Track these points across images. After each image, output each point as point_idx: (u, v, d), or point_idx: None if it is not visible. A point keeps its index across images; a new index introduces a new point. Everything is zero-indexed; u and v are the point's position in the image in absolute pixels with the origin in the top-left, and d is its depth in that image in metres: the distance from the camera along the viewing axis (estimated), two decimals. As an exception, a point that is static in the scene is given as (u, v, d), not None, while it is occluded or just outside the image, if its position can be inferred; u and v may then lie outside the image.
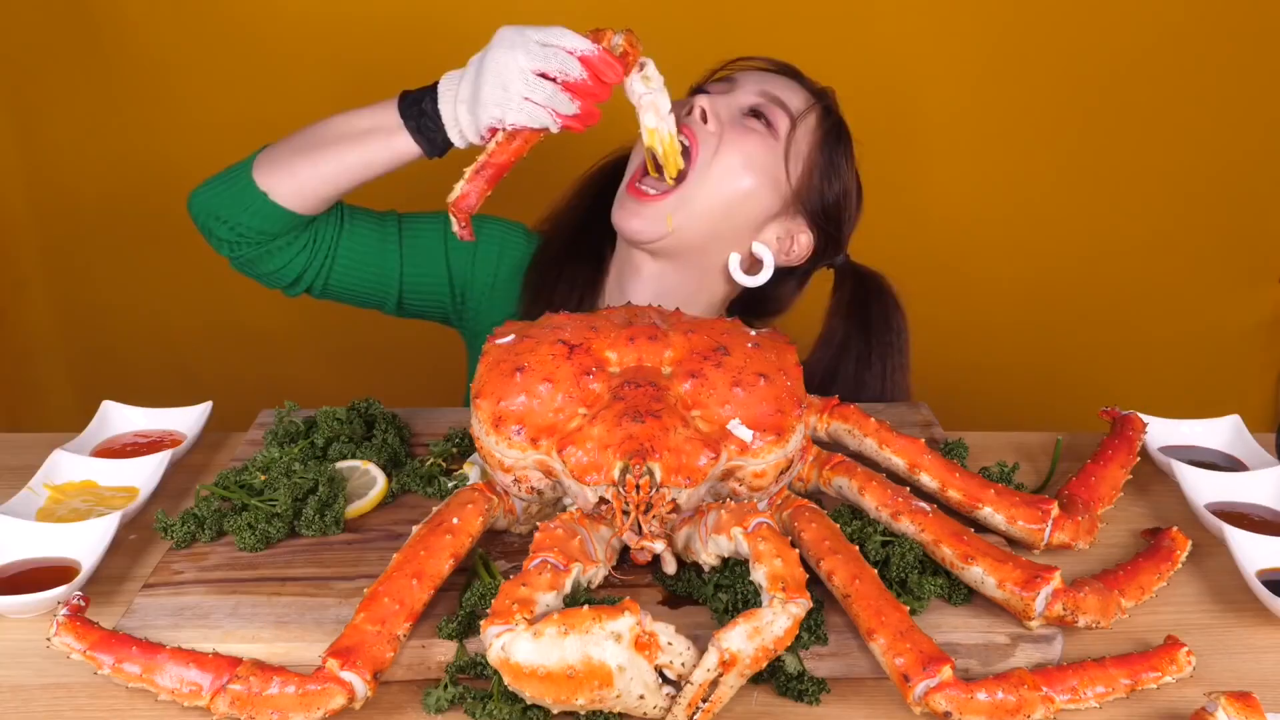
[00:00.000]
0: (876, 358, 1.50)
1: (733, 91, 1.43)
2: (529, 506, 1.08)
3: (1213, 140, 2.29)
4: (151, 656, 0.87)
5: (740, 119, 1.41)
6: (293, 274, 1.42)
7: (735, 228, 1.42)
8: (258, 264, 1.40)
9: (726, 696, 0.85)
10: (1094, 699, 0.89)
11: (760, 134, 1.40)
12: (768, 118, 1.41)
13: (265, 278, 1.42)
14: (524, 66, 1.20)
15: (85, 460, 1.22)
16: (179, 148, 2.18)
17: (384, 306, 1.52)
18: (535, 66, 1.20)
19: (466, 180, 1.24)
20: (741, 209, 1.41)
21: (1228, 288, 2.42)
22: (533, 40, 1.21)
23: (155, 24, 2.11)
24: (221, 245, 1.38)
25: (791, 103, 1.43)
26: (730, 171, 1.38)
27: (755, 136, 1.40)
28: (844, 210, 1.49)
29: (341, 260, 1.43)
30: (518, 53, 1.20)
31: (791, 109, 1.43)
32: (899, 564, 1.01)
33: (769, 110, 1.41)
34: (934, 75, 2.23)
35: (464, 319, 1.56)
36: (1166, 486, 1.27)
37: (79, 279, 2.31)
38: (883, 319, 1.51)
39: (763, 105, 1.42)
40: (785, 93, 1.44)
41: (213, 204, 1.36)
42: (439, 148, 1.31)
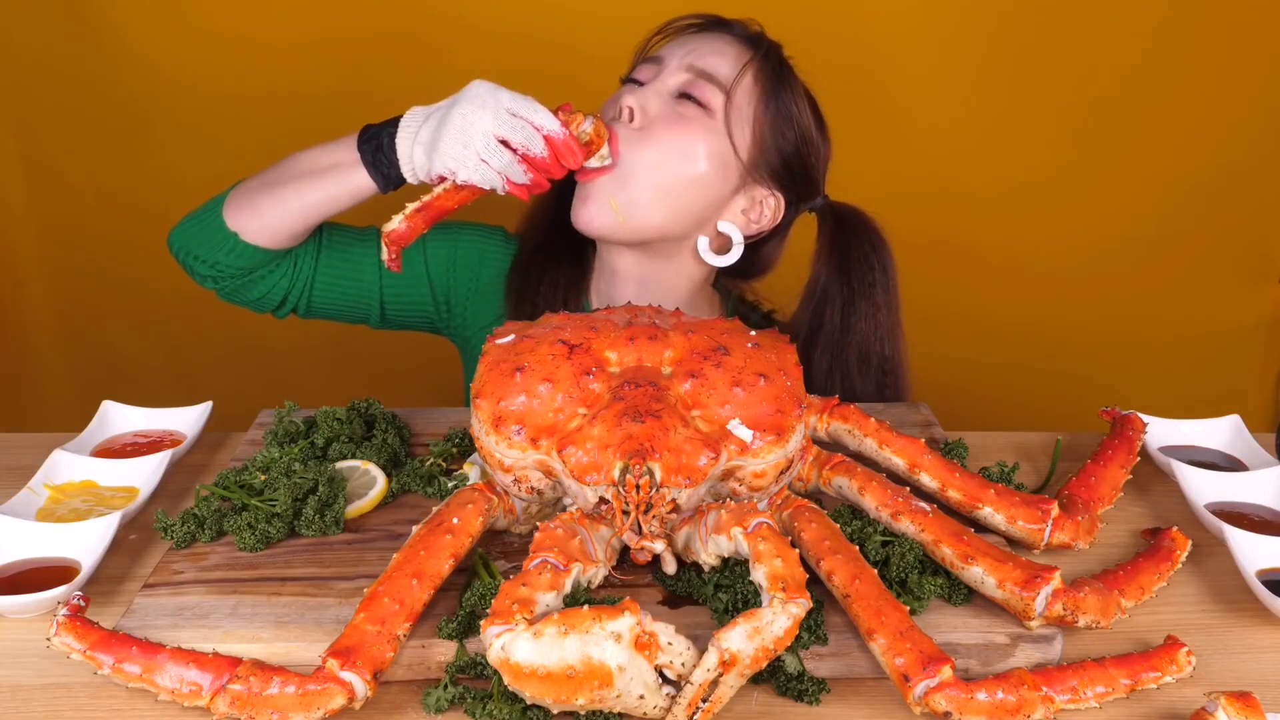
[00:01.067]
0: (861, 299, 1.44)
1: (660, 75, 1.38)
2: (529, 506, 1.08)
3: (1213, 140, 2.29)
4: (151, 656, 0.87)
5: (672, 106, 1.36)
6: (276, 299, 1.44)
7: (694, 213, 1.39)
8: (242, 293, 1.43)
9: (726, 696, 0.85)
10: (1094, 699, 0.89)
11: (693, 119, 1.36)
12: (698, 99, 1.36)
13: (252, 304, 1.45)
14: (488, 129, 1.20)
15: (85, 460, 1.22)
16: (179, 148, 2.18)
17: (369, 320, 1.53)
18: (499, 133, 1.20)
19: (405, 217, 1.25)
20: (691, 195, 1.37)
21: (1228, 288, 2.42)
22: (504, 106, 1.21)
23: (155, 25, 2.11)
24: (204, 280, 1.42)
25: (720, 71, 1.37)
26: (665, 163, 1.34)
27: (687, 124, 1.35)
28: (807, 155, 1.43)
29: (321, 280, 1.45)
30: (486, 114, 1.21)
31: (721, 79, 1.36)
32: (899, 564, 1.01)
33: (698, 90, 1.36)
34: (934, 75, 2.23)
35: (451, 327, 1.56)
36: (1166, 486, 1.27)
37: (79, 279, 2.31)
38: (864, 259, 1.45)
39: (690, 85, 1.36)
40: (713, 59, 1.38)
41: (189, 243, 1.39)
42: (392, 182, 1.31)
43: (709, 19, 1.45)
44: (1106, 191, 2.33)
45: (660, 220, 1.38)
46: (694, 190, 1.38)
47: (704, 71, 1.37)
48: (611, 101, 1.40)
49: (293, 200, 1.34)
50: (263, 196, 1.35)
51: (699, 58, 1.38)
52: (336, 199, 1.34)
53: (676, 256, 1.45)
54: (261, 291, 1.42)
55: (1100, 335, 2.43)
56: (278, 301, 1.44)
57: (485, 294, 1.53)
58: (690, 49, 1.39)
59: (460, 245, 1.52)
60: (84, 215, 2.26)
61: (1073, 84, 2.24)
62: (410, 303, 1.52)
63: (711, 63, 1.38)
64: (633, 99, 1.35)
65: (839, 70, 2.13)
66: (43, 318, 2.35)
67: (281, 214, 1.35)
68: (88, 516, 1.12)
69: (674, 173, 1.35)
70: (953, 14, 2.19)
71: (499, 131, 1.21)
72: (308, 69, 2.14)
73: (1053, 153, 2.30)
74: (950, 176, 2.30)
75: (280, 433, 1.25)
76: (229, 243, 1.36)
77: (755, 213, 1.44)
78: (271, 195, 1.35)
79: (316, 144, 1.35)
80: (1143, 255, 2.38)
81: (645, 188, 1.35)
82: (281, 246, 1.38)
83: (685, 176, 1.36)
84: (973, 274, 2.36)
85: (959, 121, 2.27)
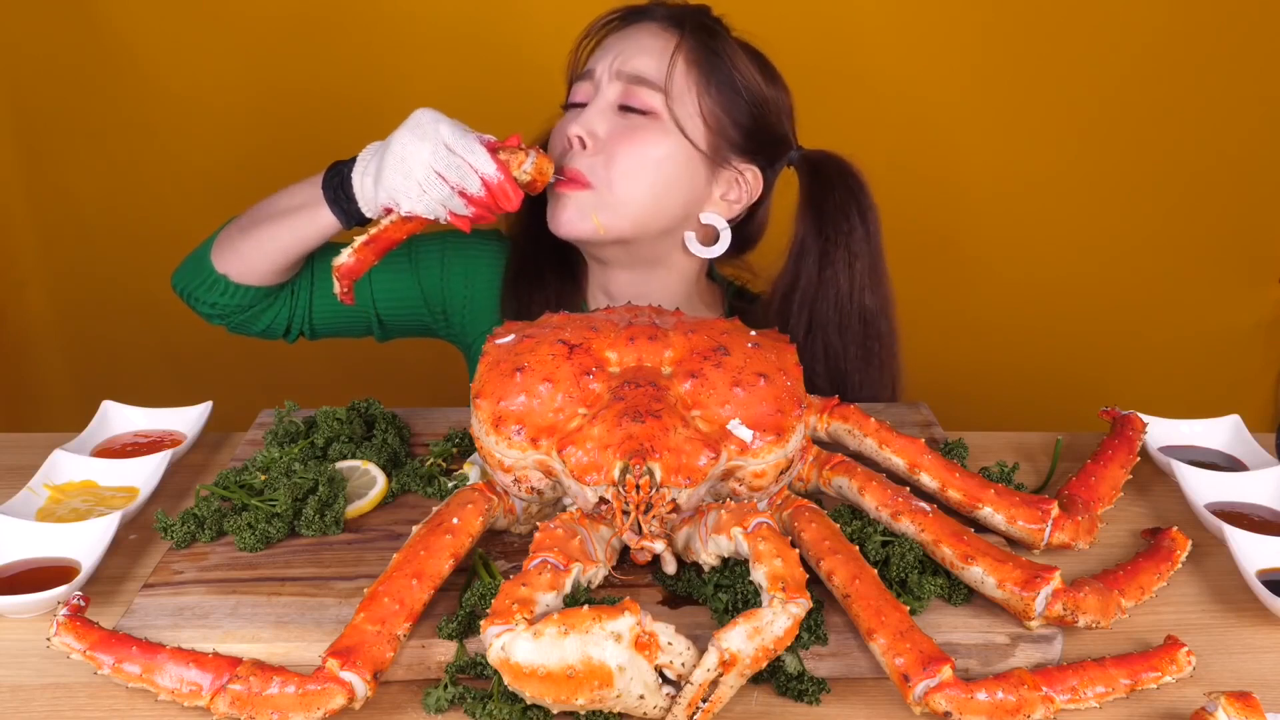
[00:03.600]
0: (836, 248, 1.40)
1: (597, 91, 1.36)
2: (529, 506, 1.08)
3: (1213, 140, 2.29)
4: (151, 656, 0.87)
5: (617, 120, 1.34)
6: (281, 328, 1.47)
7: (673, 215, 1.38)
8: (248, 327, 1.46)
9: (726, 696, 0.85)
10: (1094, 699, 0.89)
11: (641, 127, 1.33)
12: (638, 108, 1.34)
13: (260, 335, 1.48)
14: (427, 162, 1.19)
15: (85, 460, 1.22)
16: (178, 148, 2.18)
17: (373, 334, 1.55)
18: (436, 167, 1.19)
19: (354, 250, 1.25)
20: (666, 199, 1.36)
21: (1228, 288, 2.42)
22: (442, 140, 1.19)
23: (156, 28, 2.11)
24: (210, 318, 1.45)
25: (650, 70, 1.34)
26: (631, 178, 1.33)
27: (638, 135, 1.33)
28: (766, 117, 1.39)
29: (319, 305, 1.47)
30: (425, 146, 1.20)
31: (653, 78, 1.33)
32: (899, 564, 1.01)
33: (635, 98, 1.34)
34: (934, 76, 2.23)
35: (452, 333, 1.57)
36: (1166, 486, 1.27)
37: (79, 280, 2.31)
38: (839, 206, 1.40)
39: (626, 96, 1.34)
40: (640, 60, 1.34)
41: (187, 286, 1.42)
42: (353, 218, 1.32)
43: (627, 11, 1.41)
44: (1107, 192, 2.33)
45: (640, 228, 1.37)
46: (667, 194, 1.36)
47: (635, 76, 1.34)
48: (558, 131, 1.39)
49: (268, 243, 1.36)
50: (242, 240, 1.37)
51: (625, 61, 1.35)
52: (306, 239, 1.36)
53: (669, 255, 1.44)
54: (265, 323, 1.46)
55: (1100, 335, 2.43)
56: (283, 330, 1.47)
57: (481, 299, 1.53)
58: (616, 53, 1.36)
59: (449, 254, 1.52)
60: (84, 216, 2.26)
61: (1073, 84, 2.24)
62: (406, 315, 1.53)
63: (639, 64, 1.34)
64: (578, 127, 1.33)
65: (838, 71, 2.13)
66: (43, 318, 2.35)
67: (261, 255, 1.37)
68: (88, 516, 1.12)
69: (644, 184, 1.34)
70: (952, 15, 2.20)
71: (435, 165, 1.20)
72: (309, 73, 2.14)
73: (1053, 153, 2.30)
74: (950, 177, 2.30)
75: (280, 433, 1.25)
76: (221, 285, 1.39)
77: (734, 193, 1.41)
78: (249, 238, 1.37)
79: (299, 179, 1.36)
80: (1143, 255, 2.38)
81: (621, 203, 1.34)
82: (269, 283, 1.41)
83: (655, 185, 1.35)
84: (973, 274, 2.36)
85: (959, 122, 2.27)
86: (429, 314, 1.53)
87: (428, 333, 1.57)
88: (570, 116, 1.38)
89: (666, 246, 1.42)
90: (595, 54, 1.39)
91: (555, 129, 1.41)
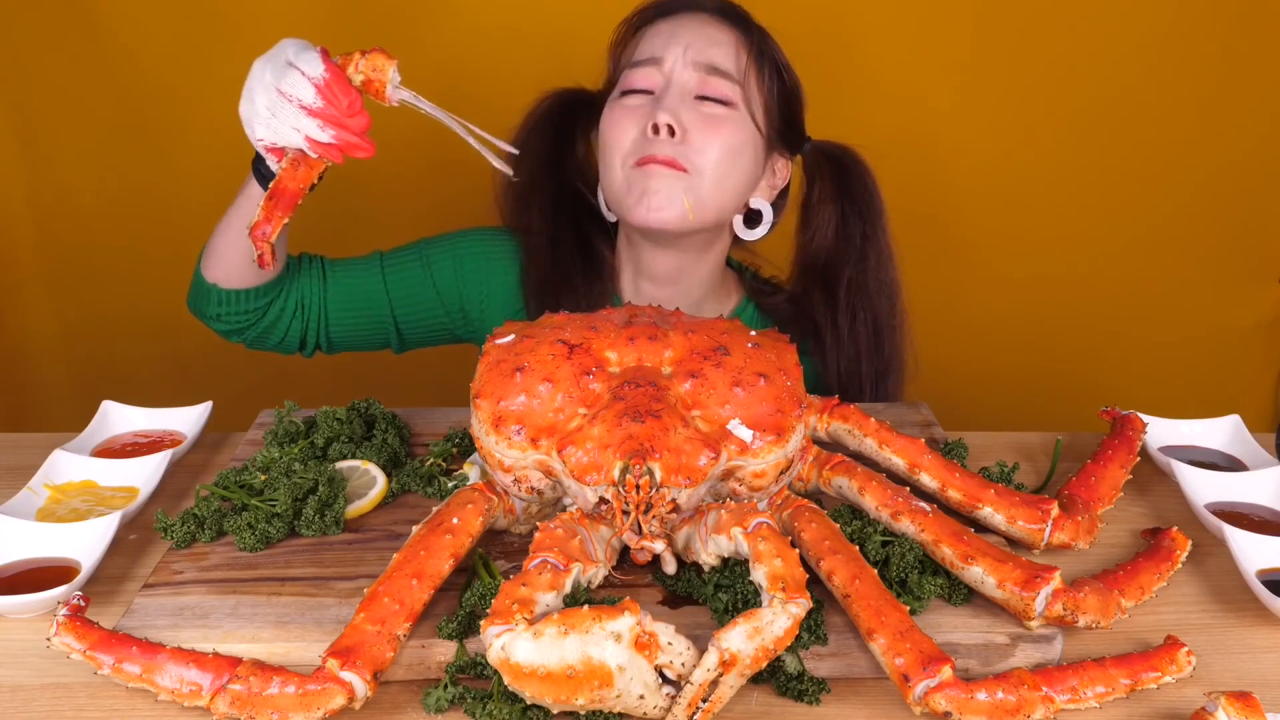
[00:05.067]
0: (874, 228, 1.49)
1: (670, 80, 1.38)
2: (529, 506, 1.08)
3: (1213, 140, 2.29)
4: (151, 656, 0.87)
5: (697, 109, 1.37)
6: (295, 341, 1.47)
7: (742, 200, 1.45)
8: (265, 341, 1.46)
9: (726, 696, 0.85)
10: (1094, 699, 0.89)
11: (723, 118, 1.37)
12: (718, 99, 1.38)
13: (277, 349, 1.48)
14: (269, 83, 1.15)
15: (85, 460, 1.22)
16: (178, 148, 2.18)
17: (390, 344, 1.55)
18: (279, 85, 1.15)
19: (261, 208, 1.18)
20: (742, 185, 1.43)
21: (1228, 288, 2.42)
22: (283, 58, 1.16)
23: (155, 25, 2.11)
24: (226, 335, 1.45)
25: (725, 62, 1.38)
26: (720, 165, 1.38)
27: (722, 126, 1.37)
28: (798, 106, 1.47)
29: (334, 313, 1.47)
30: (268, 67, 1.16)
31: (729, 70, 1.38)
32: (899, 564, 1.01)
33: (714, 89, 1.37)
34: (933, 76, 2.23)
35: (471, 330, 1.56)
36: (1166, 486, 1.27)
37: (79, 279, 2.31)
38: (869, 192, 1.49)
39: (705, 86, 1.37)
40: (713, 51, 1.38)
41: (198, 308, 1.44)
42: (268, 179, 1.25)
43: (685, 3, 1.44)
44: (1107, 191, 2.33)
45: (721, 213, 1.43)
46: (744, 179, 1.43)
47: (712, 67, 1.37)
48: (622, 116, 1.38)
49: (230, 235, 1.36)
50: (215, 242, 1.38)
51: (700, 52, 1.38)
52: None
53: (715, 240, 1.48)
54: (279, 335, 1.46)
55: (1100, 335, 2.43)
56: (298, 343, 1.47)
57: (498, 295, 1.53)
58: (686, 43, 1.38)
59: (462, 252, 1.52)
60: (84, 215, 2.26)
61: (1073, 84, 2.24)
62: (423, 317, 1.52)
63: (713, 55, 1.38)
64: (666, 115, 1.34)
65: (836, 71, 2.13)
66: (43, 318, 2.35)
67: (232, 251, 1.36)
68: (88, 516, 1.12)
69: (732, 172, 1.40)
70: (952, 12, 2.20)
71: (277, 83, 1.15)
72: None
73: (1053, 153, 2.30)
74: (950, 177, 2.30)
75: (280, 433, 1.25)
76: (216, 295, 1.40)
77: (773, 179, 1.49)
78: (219, 238, 1.38)
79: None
80: (1143, 255, 2.38)
81: (712, 190, 1.39)
82: (259, 280, 1.40)
83: (738, 172, 1.41)
84: (973, 274, 2.36)
85: (958, 121, 2.27)
86: (446, 315, 1.53)
87: (447, 335, 1.56)
88: (641, 103, 1.39)
89: (718, 231, 1.47)
90: (656, 41, 1.40)
91: (614, 114, 1.40)
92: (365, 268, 1.49)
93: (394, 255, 1.51)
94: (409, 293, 1.50)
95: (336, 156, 1.16)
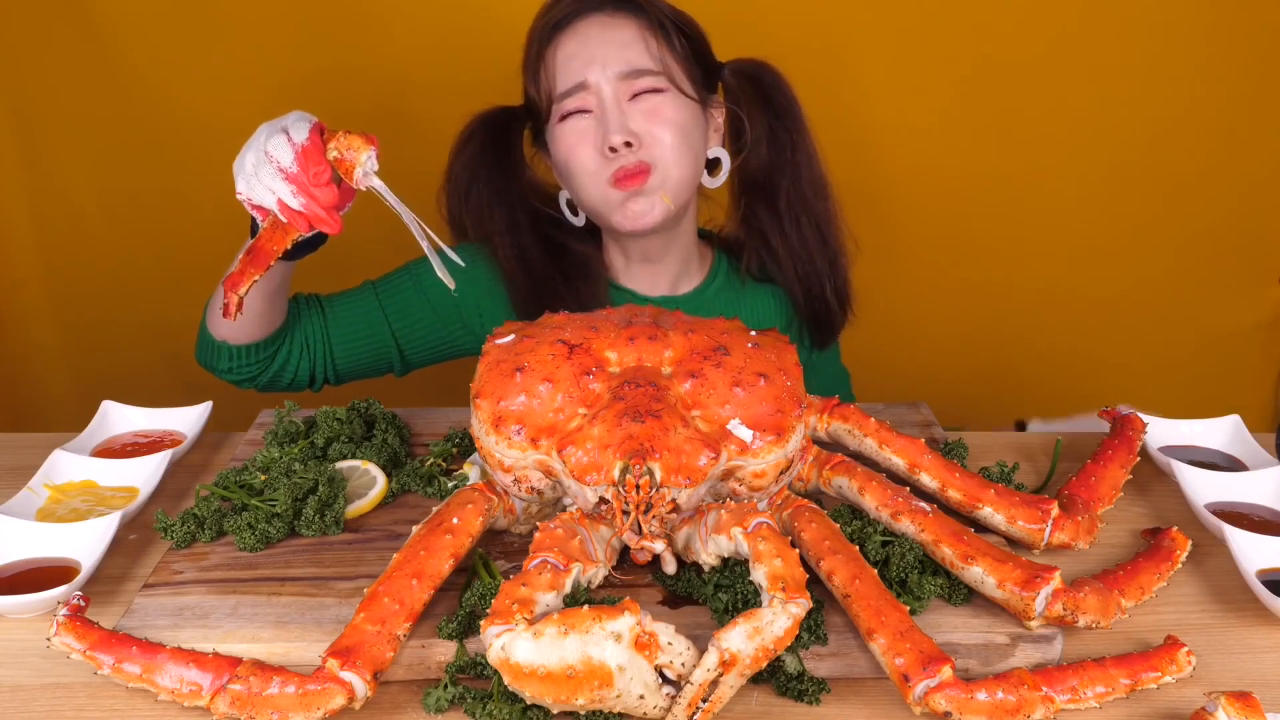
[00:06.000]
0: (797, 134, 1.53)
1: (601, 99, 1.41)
2: (529, 506, 1.08)
3: (1213, 140, 2.29)
4: (151, 656, 0.87)
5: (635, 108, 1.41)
6: (305, 379, 1.49)
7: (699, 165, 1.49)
8: (277, 383, 1.48)
9: (726, 696, 0.85)
10: (1094, 699, 0.89)
11: (662, 105, 1.42)
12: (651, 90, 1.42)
13: (288, 389, 1.49)
14: (260, 143, 1.18)
15: (85, 460, 1.22)
16: (178, 148, 2.17)
17: (394, 369, 1.56)
18: (267, 147, 1.17)
19: (238, 260, 1.20)
20: (699, 152, 1.48)
21: (1228, 288, 2.42)
22: (281, 124, 1.18)
23: (155, 24, 2.11)
24: (240, 384, 1.47)
25: (641, 60, 1.42)
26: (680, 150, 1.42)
27: (664, 111, 1.42)
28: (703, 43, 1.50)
29: (338, 346, 1.49)
30: (266, 130, 1.19)
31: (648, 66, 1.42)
32: (899, 564, 1.01)
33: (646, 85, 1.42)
34: (932, 75, 2.23)
35: (477, 338, 1.56)
36: (1166, 486, 1.27)
37: (79, 279, 2.31)
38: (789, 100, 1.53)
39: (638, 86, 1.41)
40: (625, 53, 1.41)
41: (208, 362, 1.45)
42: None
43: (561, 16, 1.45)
44: (1107, 192, 2.32)
45: (691, 184, 1.48)
46: (698, 145, 1.48)
47: (633, 71, 1.41)
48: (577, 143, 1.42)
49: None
50: (218, 303, 1.37)
51: (617, 63, 1.41)
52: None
53: (687, 207, 1.52)
54: (289, 377, 1.47)
55: (1100, 335, 2.43)
56: (307, 380, 1.49)
57: (496, 297, 1.53)
58: (600, 60, 1.41)
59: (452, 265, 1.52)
60: (84, 215, 2.26)
61: (1073, 84, 2.24)
62: (424, 335, 1.53)
63: (630, 58, 1.41)
64: (617, 135, 1.39)
65: (836, 70, 2.13)
66: (43, 318, 2.35)
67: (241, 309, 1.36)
68: (88, 516, 1.12)
69: (686, 149, 1.44)
70: (950, 13, 2.19)
71: (267, 145, 1.17)
72: (310, 74, 2.14)
73: (1053, 153, 2.29)
74: (949, 177, 2.30)
75: (280, 433, 1.25)
76: (225, 350, 1.41)
77: (715, 123, 1.53)
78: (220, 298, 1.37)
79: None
80: (1142, 256, 2.38)
81: (676, 172, 1.43)
82: (262, 334, 1.41)
83: (691, 145, 1.45)
84: (973, 274, 2.36)
85: (958, 121, 2.26)
86: (445, 329, 1.54)
87: (451, 349, 1.57)
88: (586, 124, 1.42)
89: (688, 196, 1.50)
90: (573, 66, 1.42)
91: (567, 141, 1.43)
92: (360, 297, 1.51)
93: (385, 281, 1.53)
94: (406, 314, 1.52)
95: (303, 226, 1.17)
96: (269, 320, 1.40)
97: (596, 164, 1.42)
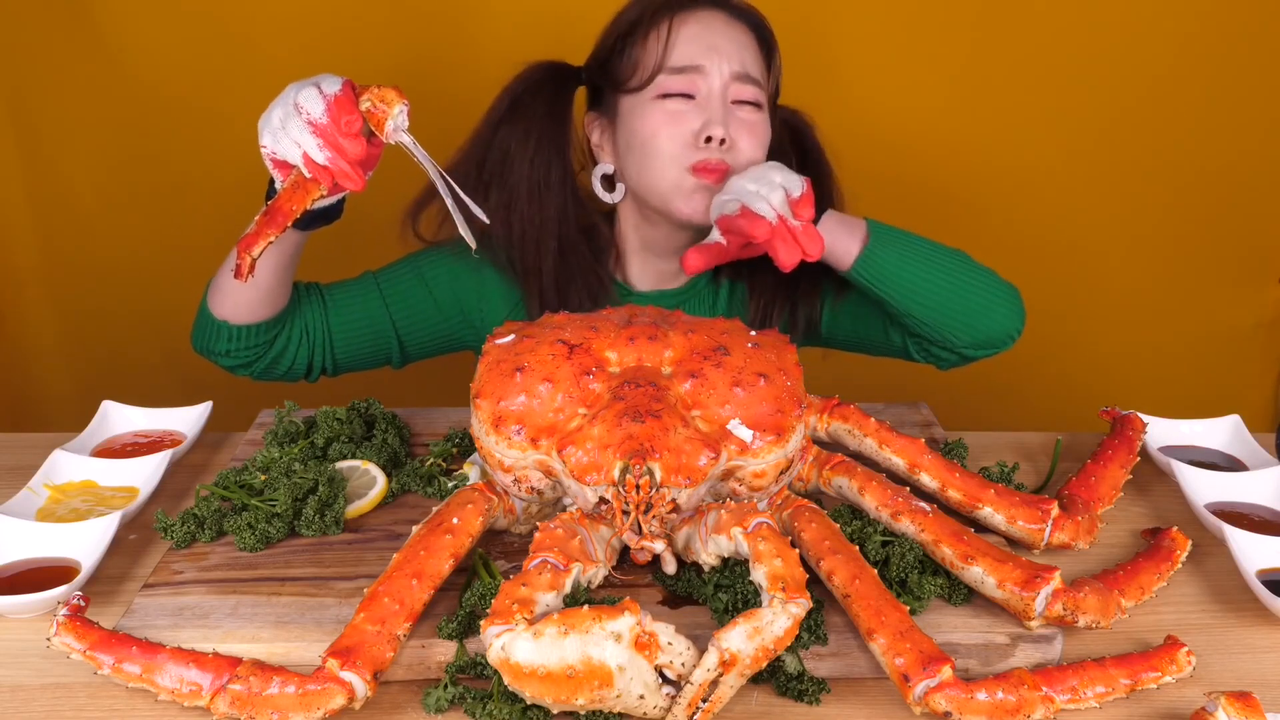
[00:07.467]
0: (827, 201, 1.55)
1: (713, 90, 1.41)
2: (529, 506, 1.08)
3: (1213, 140, 2.29)
4: (151, 656, 0.87)
5: (735, 114, 1.42)
6: (302, 368, 1.47)
7: None
8: (273, 371, 1.46)
9: (726, 696, 0.85)
10: (1094, 699, 0.89)
11: (757, 122, 1.43)
12: (753, 102, 1.43)
13: (284, 378, 1.48)
14: (289, 98, 1.18)
15: (85, 460, 1.22)
16: (179, 148, 2.18)
17: (391, 360, 1.55)
18: (296, 98, 1.17)
19: (255, 221, 1.18)
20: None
21: (1228, 288, 2.42)
22: (313, 81, 1.19)
23: (155, 24, 2.11)
24: (235, 370, 1.45)
25: (754, 68, 1.44)
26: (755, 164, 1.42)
27: (759, 129, 1.43)
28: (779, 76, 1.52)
29: (338, 335, 1.48)
30: (295, 87, 1.19)
31: (758, 77, 1.44)
32: (899, 564, 1.01)
33: (749, 94, 1.43)
34: (932, 75, 2.23)
35: (476, 332, 1.56)
36: (1166, 486, 1.27)
37: (79, 279, 2.31)
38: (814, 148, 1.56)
39: (741, 93, 1.42)
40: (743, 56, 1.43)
41: (205, 345, 1.43)
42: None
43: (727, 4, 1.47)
44: (1106, 192, 2.33)
45: None
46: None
47: (746, 75, 1.43)
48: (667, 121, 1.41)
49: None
50: (223, 280, 1.37)
51: (735, 61, 1.42)
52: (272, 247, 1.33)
53: None
54: (286, 365, 1.46)
55: (1100, 335, 2.43)
56: (304, 370, 1.48)
57: (496, 291, 1.53)
58: (722, 52, 1.42)
59: (455, 259, 1.52)
60: (84, 215, 2.26)
61: (1073, 83, 2.24)
62: (424, 327, 1.52)
63: (745, 62, 1.43)
64: (720, 130, 1.39)
65: (835, 71, 2.13)
66: (43, 318, 2.35)
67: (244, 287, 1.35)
68: (88, 516, 1.12)
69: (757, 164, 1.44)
70: (948, 11, 2.19)
71: (295, 97, 1.18)
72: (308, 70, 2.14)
73: (1052, 153, 2.29)
74: (948, 177, 2.30)
75: (280, 433, 1.25)
76: (225, 331, 1.39)
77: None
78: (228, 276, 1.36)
79: None
80: (1143, 255, 2.38)
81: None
82: (269, 314, 1.39)
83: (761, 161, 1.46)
84: (973, 274, 2.36)
85: (958, 120, 2.27)
86: (446, 321, 1.53)
87: (450, 342, 1.56)
88: (685, 109, 1.41)
89: None
90: (693, 48, 1.43)
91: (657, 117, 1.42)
92: (361, 287, 1.50)
93: (387, 271, 1.52)
94: (408, 305, 1.51)
95: (327, 180, 1.17)
96: (273, 300, 1.39)
97: (682, 148, 1.41)
